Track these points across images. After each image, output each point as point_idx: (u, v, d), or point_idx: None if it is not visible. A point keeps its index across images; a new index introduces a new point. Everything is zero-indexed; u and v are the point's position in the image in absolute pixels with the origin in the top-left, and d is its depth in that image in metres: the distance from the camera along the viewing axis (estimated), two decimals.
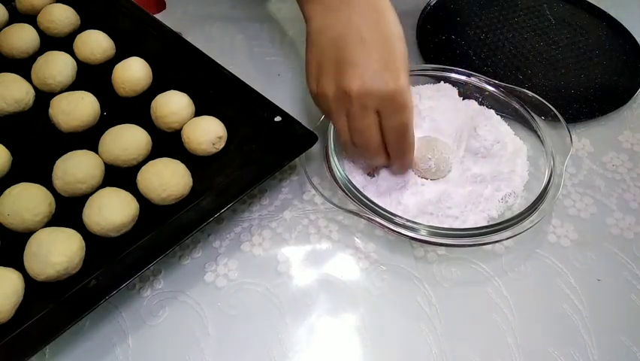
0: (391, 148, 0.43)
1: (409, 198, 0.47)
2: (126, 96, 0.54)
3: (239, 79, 0.54)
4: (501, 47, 0.65)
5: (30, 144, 0.51)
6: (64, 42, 0.59)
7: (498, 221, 0.44)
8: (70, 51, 0.57)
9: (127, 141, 0.48)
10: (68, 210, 0.45)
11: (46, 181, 0.46)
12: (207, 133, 0.49)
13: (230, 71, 0.55)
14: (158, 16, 0.65)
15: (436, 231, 0.43)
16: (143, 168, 0.47)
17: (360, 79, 0.40)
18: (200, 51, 0.57)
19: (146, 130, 0.50)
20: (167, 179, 0.45)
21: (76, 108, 0.51)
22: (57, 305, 0.40)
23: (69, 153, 0.47)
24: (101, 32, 0.59)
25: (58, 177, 0.46)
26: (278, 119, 0.51)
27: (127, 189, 0.45)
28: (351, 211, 0.45)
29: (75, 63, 0.57)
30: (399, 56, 0.41)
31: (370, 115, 0.41)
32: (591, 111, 0.57)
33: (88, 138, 0.50)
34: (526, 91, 0.53)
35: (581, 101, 0.58)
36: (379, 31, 0.42)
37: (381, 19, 0.42)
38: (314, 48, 0.44)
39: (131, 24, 0.62)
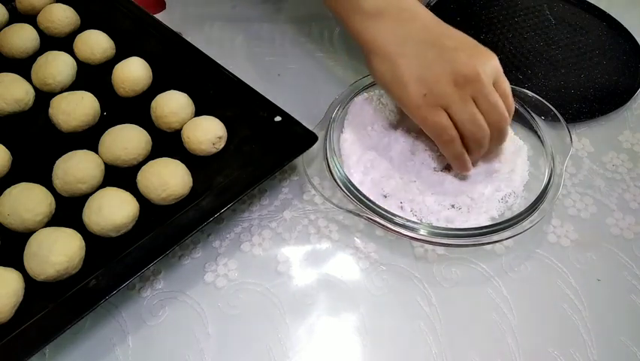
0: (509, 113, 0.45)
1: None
2: (126, 96, 0.54)
3: (239, 79, 0.54)
4: (501, 47, 0.65)
5: (30, 144, 0.51)
6: (64, 42, 0.59)
7: (498, 221, 0.45)
8: (70, 51, 0.57)
9: (127, 140, 0.48)
10: (68, 210, 0.45)
11: (46, 181, 0.46)
12: (207, 133, 0.49)
13: (231, 71, 0.55)
14: (158, 16, 0.65)
15: (436, 231, 0.43)
16: (143, 168, 0.47)
17: (473, 60, 0.43)
18: (200, 51, 0.57)
19: (146, 130, 0.50)
20: (167, 179, 0.45)
21: (77, 108, 0.51)
22: (57, 305, 0.40)
23: (69, 153, 0.47)
24: (101, 32, 0.59)
25: (58, 177, 0.46)
26: (278, 119, 0.51)
27: (127, 189, 0.45)
28: (351, 211, 0.45)
29: (75, 63, 0.57)
30: (474, 40, 0.45)
31: (494, 88, 0.44)
32: (591, 111, 0.57)
33: (88, 138, 0.50)
34: (526, 91, 0.53)
35: (581, 101, 0.58)
36: (444, 24, 0.46)
37: (440, 22, 0.47)
38: (403, 58, 0.44)
39: (131, 24, 0.62)
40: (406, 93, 0.44)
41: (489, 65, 0.44)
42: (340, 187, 0.46)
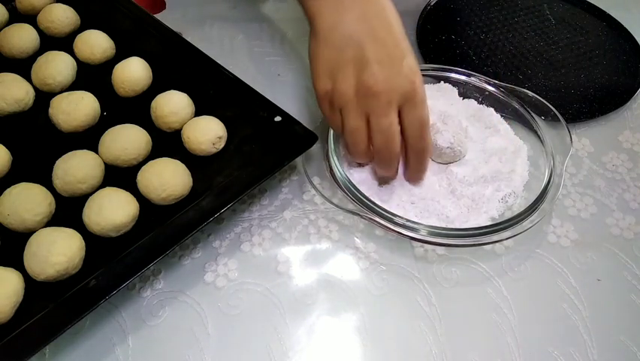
0: (411, 146, 0.43)
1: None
2: (126, 96, 0.54)
3: (239, 79, 0.54)
4: (501, 46, 0.65)
5: (30, 144, 0.51)
6: (64, 42, 0.59)
7: (498, 221, 0.45)
8: (70, 51, 0.57)
9: (127, 141, 0.48)
10: (68, 210, 0.45)
11: (46, 181, 0.46)
12: (207, 133, 0.49)
13: (230, 71, 0.55)
14: (158, 16, 0.65)
15: (436, 231, 0.43)
16: (143, 168, 0.47)
17: (384, 75, 0.41)
18: (200, 51, 0.57)
19: (146, 130, 0.50)
20: (167, 179, 0.45)
21: (77, 108, 0.50)
22: (57, 305, 0.40)
23: (69, 153, 0.47)
24: (101, 32, 0.59)
25: (58, 177, 0.46)
26: (278, 119, 0.51)
27: (127, 189, 0.45)
28: (351, 211, 0.45)
29: (75, 63, 0.57)
30: (411, 54, 0.43)
31: (394, 111, 0.42)
32: (591, 111, 0.57)
33: (88, 138, 0.50)
34: (526, 91, 0.53)
35: (581, 101, 0.58)
36: (391, 30, 0.43)
37: (390, 17, 0.43)
38: (325, 45, 0.43)
39: (131, 24, 0.62)
40: (315, 81, 0.44)
41: (400, 86, 0.41)
42: (340, 187, 0.46)
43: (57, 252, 0.40)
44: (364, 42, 0.42)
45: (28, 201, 0.43)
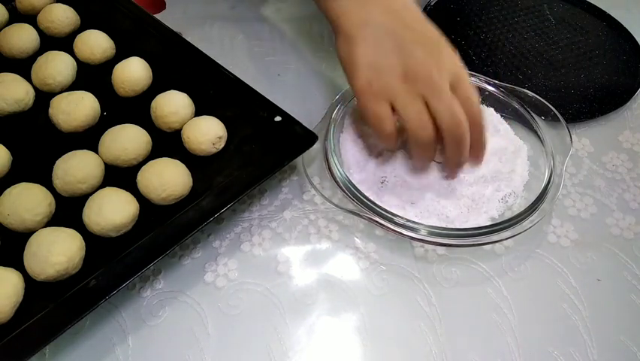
0: (472, 122, 0.42)
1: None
2: (126, 96, 0.54)
3: (239, 79, 0.54)
4: (501, 46, 0.65)
5: (30, 144, 0.51)
6: (64, 42, 0.59)
7: (498, 221, 0.45)
8: (70, 51, 0.57)
9: (127, 141, 0.48)
10: (68, 210, 0.45)
11: (46, 181, 0.46)
12: (207, 133, 0.49)
13: (230, 71, 0.55)
14: (158, 16, 0.65)
15: (436, 231, 0.43)
16: (143, 168, 0.47)
17: (432, 57, 0.42)
18: (200, 51, 0.57)
19: (146, 130, 0.50)
20: (167, 179, 0.45)
21: (76, 108, 0.51)
22: (57, 305, 0.40)
23: (69, 153, 0.47)
24: (101, 32, 0.59)
25: (58, 177, 0.46)
26: (278, 119, 0.51)
27: (127, 189, 0.45)
28: (351, 211, 0.45)
29: (75, 63, 0.57)
30: (442, 37, 0.44)
31: (448, 89, 0.42)
32: (591, 111, 0.57)
33: (88, 138, 0.50)
34: (526, 91, 0.53)
35: (581, 101, 0.58)
36: (418, 18, 0.45)
37: (412, 7, 0.45)
38: (361, 41, 0.44)
39: (131, 24, 0.62)
40: (355, 77, 0.44)
41: (447, 65, 0.42)
42: (340, 187, 0.46)
43: (57, 252, 0.40)
44: (400, 29, 0.43)
45: (28, 201, 0.43)
